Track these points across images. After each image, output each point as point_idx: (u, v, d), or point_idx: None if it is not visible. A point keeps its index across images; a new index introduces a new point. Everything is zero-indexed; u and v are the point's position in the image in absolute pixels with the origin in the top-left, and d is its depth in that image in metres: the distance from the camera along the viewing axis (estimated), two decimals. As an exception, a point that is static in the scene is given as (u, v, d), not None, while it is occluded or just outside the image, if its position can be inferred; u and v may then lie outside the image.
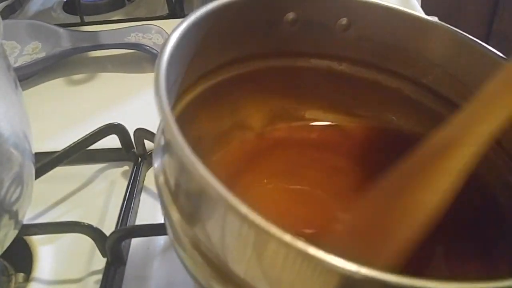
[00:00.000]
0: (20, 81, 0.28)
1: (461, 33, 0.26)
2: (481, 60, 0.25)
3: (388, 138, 0.30)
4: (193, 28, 0.22)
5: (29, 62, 0.51)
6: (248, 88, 0.29)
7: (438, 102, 0.28)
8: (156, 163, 0.21)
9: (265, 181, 0.29)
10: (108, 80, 0.52)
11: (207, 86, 0.26)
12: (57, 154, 0.36)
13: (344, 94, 0.30)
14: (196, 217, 0.18)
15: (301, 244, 0.14)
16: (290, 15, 0.27)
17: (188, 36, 0.22)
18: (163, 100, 0.17)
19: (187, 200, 0.19)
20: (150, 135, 0.38)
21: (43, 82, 0.52)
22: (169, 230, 0.20)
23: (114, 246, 0.31)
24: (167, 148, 0.20)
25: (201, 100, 0.26)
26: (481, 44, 0.25)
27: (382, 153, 0.29)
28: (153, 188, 0.38)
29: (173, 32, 0.21)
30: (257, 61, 0.28)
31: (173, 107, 0.22)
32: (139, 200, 0.37)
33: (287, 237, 0.14)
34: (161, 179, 0.20)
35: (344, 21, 0.27)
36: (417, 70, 0.28)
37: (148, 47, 0.51)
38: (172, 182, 0.20)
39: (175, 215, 0.19)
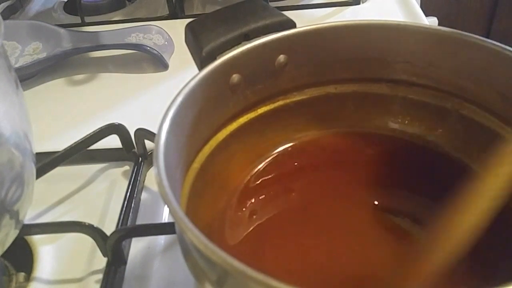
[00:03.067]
0: (21, 81, 0.28)
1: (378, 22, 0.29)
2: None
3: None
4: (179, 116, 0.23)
5: (30, 62, 0.51)
6: (225, 155, 0.29)
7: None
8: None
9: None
10: (109, 81, 0.52)
11: (195, 171, 0.27)
12: (58, 154, 0.36)
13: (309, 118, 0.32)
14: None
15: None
16: (235, 78, 0.27)
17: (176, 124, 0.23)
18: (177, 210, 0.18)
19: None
20: (150, 135, 0.38)
21: (44, 83, 0.52)
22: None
23: (114, 246, 0.31)
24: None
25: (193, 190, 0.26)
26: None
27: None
28: (154, 187, 0.38)
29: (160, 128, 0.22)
30: (227, 126, 0.29)
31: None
32: (140, 200, 0.37)
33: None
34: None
35: (282, 58, 0.29)
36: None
37: (148, 48, 0.51)
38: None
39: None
